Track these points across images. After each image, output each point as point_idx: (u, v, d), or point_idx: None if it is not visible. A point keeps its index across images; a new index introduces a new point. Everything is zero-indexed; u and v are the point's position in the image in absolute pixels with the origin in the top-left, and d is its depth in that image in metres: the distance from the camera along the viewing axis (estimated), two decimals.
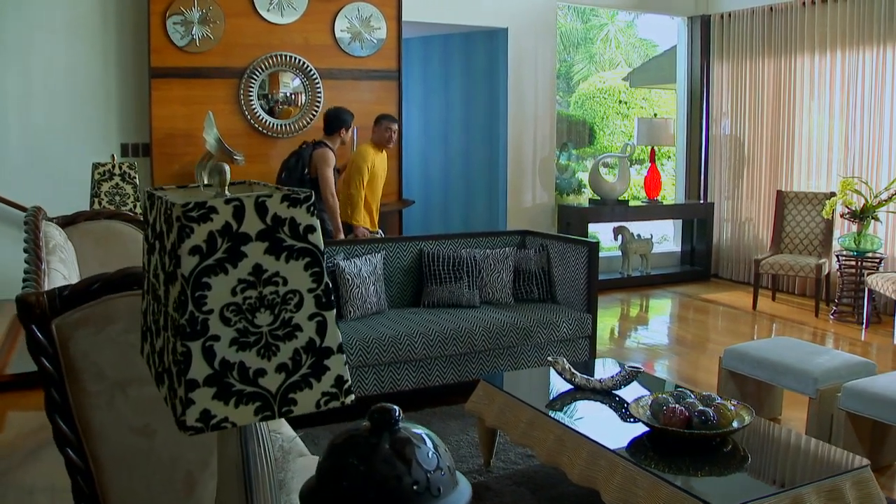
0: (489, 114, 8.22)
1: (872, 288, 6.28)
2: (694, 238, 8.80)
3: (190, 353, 1.03)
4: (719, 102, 8.55)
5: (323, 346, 1.11)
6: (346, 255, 4.92)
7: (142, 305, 1.39)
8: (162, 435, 1.68)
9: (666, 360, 5.81)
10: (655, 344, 6.28)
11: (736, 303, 7.55)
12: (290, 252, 1.08)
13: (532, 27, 7.90)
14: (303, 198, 1.09)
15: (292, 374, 1.09)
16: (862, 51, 7.04)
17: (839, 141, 7.37)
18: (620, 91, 18.45)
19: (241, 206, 1.06)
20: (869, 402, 3.61)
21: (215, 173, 1.20)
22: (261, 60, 6.34)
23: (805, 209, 7.26)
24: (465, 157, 8.54)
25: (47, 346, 1.60)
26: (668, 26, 20.41)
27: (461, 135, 8.54)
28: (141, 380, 1.65)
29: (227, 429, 1.06)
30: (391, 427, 1.06)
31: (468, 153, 8.50)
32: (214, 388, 1.04)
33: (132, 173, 3.82)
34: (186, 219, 1.03)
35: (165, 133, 6.05)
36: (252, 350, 1.06)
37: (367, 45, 6.78)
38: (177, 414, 1.05)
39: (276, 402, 1.08)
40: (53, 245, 2.15)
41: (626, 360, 5.55)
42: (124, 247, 3.13)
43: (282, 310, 1.08)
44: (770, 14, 7.82)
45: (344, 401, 1.12)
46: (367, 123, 6.77)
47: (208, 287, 1.04)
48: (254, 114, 6.38)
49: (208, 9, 6.09)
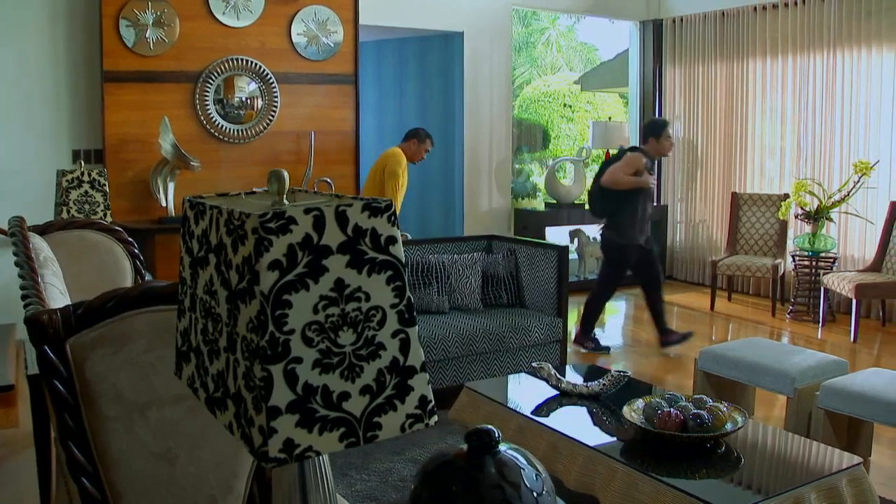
0: (445, 118, 8.17)
1: (828, 287, 6.42)
2: None
3: (271, 377, 0.95)
4: (672, 106, 8.65)
5: (406, 365, 1.03)
6: None
7: (179, 324, 1.30)
8: (184, 459, 1.57)
9: (631, 362, 5.82)
10: (619, 346, 6.30)
11: (693, 304, 7.64)
12: (372, 265, 1.01)
13: (487, 30, 7.89)
14: (383, 206, 1.02)
15: (376, 396, 1.01)
16: (813, 55, 7.20)
17: (791, 143, 7.52)
18: (565, 95, 18.62)
19: (321, 216, 0.98)
20: (846, 400, 3.66)
21: (274, 179, 1.11)
22: (217, 64, 6.18)
23: (759, 210, 7.39)
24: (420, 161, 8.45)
25: (61, 369, 1.48)
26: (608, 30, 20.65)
27: None
28: (161, 402, 1.55)
29: (310, 458, 0.98)
30: (492, 450, 0.99)
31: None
32: (297, 415, 0.96)
33: (102, 181, 3.66)
34: (265, 230, 0.94)
35: (119, 139, 5.84)
36: (335, 372, 0.98)
37: (323, 49, 6.67)
38: (255, 445, 0.97)
39: (361, 428, 1.00)
40: (44, 258, 2.02)
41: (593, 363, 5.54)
42: (99, 258, 2.98)
43: (365, 327, 1.00)
44: (722, 19, 7.95)
45: (428, 422, 1.04)
46: (324, 128, 6.68)
47: (289, 305, 0.96)
48: (210, 119, 6.21)
49: (162, 11, 5.91)
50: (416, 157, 6.45)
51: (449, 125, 8.09)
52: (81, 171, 3.60)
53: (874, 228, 6.69)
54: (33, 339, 1.48)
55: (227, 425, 1.06)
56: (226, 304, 1.05)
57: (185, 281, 1.24)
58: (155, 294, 1.54)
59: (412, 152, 6.42)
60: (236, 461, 1.64)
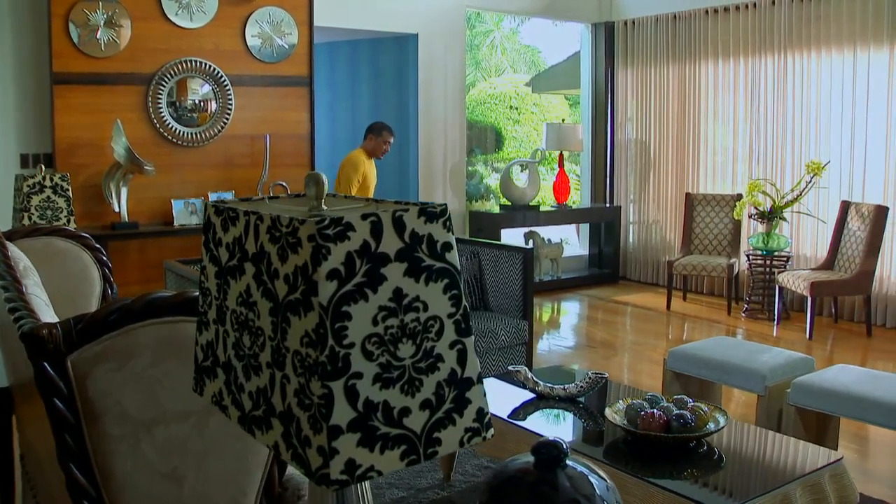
0: (399, 120, 8.11)
1: (783, 285, 6.54)
2: (601, 241, 8.95)
3: (332, 394, 0.89)
4: (624, 108, 8.73)
5: (464, 377, 0.99)
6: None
7: (199, 337, 1.23)
8: (192, 478, 1.50)
9: (589, 362, 5.84)
10: (579, 347, 6.32)
11: (648, 303, 7.71)
12: (429, 273, 0.96)
13: (442, 32, 7.86)
14: (439, 211, 0.97)
15: (436, 410, 0.96)
16: (764, 58, 7.33)
17: (744, 144, 7.65)
18: (511, 97, 18.71)
19: (378, 222, 0.92)
20: (817, 397, 3.72)
21: (312, 183, 1.05)
22: (170, 66, 6.02)
23: (713, 211, 7.50)
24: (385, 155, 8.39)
25: (61, 386, 1.40)
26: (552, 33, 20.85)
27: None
28: (167, 418, 1.47)
29: (372, 478, 0.93)
30: (562, 463, 0.95)
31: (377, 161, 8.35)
32: (359, 434, 0.90)
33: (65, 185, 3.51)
34: (322, 238, 0.89)
35: (69, 143, 5.64)
36: (396, 387, 0.93)
37: (278, 51, 6.56)
38: (313, 466, 0.91)
39: (422, 444, 0.95)
40: (24, 267, 1.91)
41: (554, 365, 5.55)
42: (66, 266, 2.85)
43: (423, 339, 0.95)
44: (674, 21, 8.05)
45: (486, 435, 1.00)
46: (278, 131, 6.58)
47: (348, 317, 0.90)
48: (163, 122, 6.05)
49: (113, 11, 5.73)
50: (378, 151, 6.48)
51: (403, 128, 8.03)
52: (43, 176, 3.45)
53: (826, 227, 6.84)
54: (31, 355, 1.39)
55: (272, 445, 1.00)
56: (269, 317, 0.99)
57: (208, 292, 1.18)
58: (160, 305, 1.46)
59: (372, 148, 6.46)
60: (245, 477, 1.57)
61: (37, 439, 1.95)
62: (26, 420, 2.15)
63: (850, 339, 6.31)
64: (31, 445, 2.14)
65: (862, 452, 4.20)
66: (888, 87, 6.50)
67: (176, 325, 1.47)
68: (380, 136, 6.45)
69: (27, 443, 2.27)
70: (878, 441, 4.31)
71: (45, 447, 1.80)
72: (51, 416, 1.41)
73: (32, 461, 2.20)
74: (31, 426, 2.08)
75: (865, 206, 6.31)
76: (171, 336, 1.46)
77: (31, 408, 1.98)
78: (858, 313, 6.68)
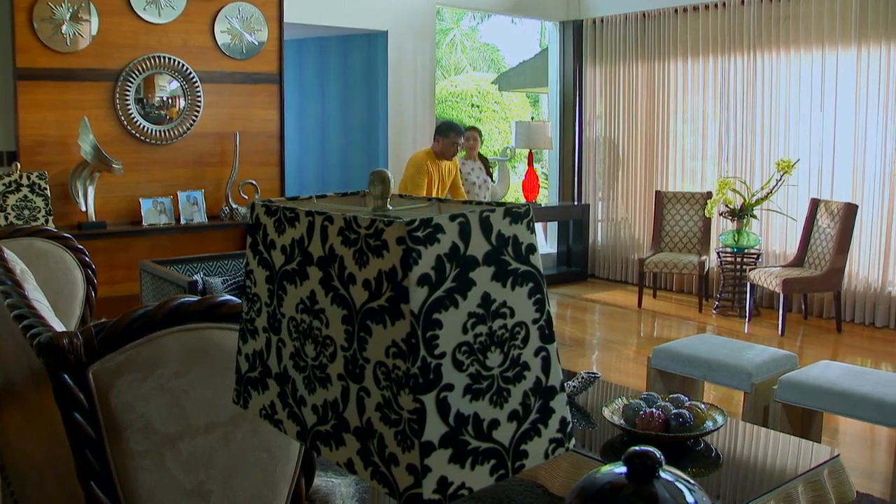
0: (368, 117, 8.04)
1: (754, 282, 6.59)
2: (570, 239, 8.95)
3: (424, 408, 0.83)
4: (592, 106, 8.74)
5: (548, 386, 0.93)
6: (206, 271, 4.61)
7: (243, 346, 1.16)
8: (218, 493, 1.42)
9: (570, 361, 5.83)
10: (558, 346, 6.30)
11: (619, 301, 7.73)
12: (515, 277, 0.90)
13: (411, 29, 7.79)
14: (524, 212, 0.92)
15: (523, 421, 0.91)
16: (733, 57, 7.39)
17: (714, 142, 7.70)
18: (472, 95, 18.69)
19: (466, 224, 0.87)
20: (804, 393, 3.73)
21: (377, 181, 0.99)
22: (137, 62, 5.86)
23: (683, 209, 7.54)
24: (343, 162, 8.31)
25: (82, 399, 1.31)
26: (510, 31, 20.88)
27: (339, 140, 8.31)
28: (193, 431, 1.39)
29: (463, 498, 0.87)
30: (656, 472, 0.90)
31: (347, 158, 8.28)
32: (450, 450, 0.85)
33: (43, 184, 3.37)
34: (413, 240, 0.83)
35: (35, 140, 5.45)
36: (485, 398, 0.88)
37: (248, 48, 6.43)
38: (401, 486, 0.85)
39: (510, 457, 0.89)
40: (21, 271, 1.81)
41: None
42: (48, 268, 2.74)
43: (510, 346, 0.90)
44: (643, 20, 8.08)
45: (568, 445, 0.95)
46: (248, 129, 6.47)
47: (439, 325, 0.84)
48: (131, 119, 5.89)
49: (79, 6, 5.56)
50: (448, 152, 6.14)
51: (373, 125, 7.95)
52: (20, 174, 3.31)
53: (795, 225, 6.92)
54: (50, 366, 1.30)
55: (346, 463, 0.94)
56: (343, 325, 0.92)
57: (256, 298, 1.11)
58: (186, 311, 1.38)
59: (440, 150, 6.14)
60: (271, 490, 1.50)
61: (34, 451, 1.85)
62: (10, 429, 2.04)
63: (820, 336, 6.39)
64: (17, 456, 2.03)
65: (840, 446, 4.25)
66: (856, 86, 6.59)
67: (202, 332, 1.39)
68: (447, 137, 6.13)
69: (11, 454, 2.15)
70: (853, 434, 4.38)
71: (45, 459, 1.70)
72: (69, 431, 1.33)
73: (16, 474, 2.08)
74: (15, 435, 1.97)
75: (835, 203, 6.39)
76: (197, 344, 1.39)
77: (19, 416, 1.88)
78: (828, 309, 6.76)
